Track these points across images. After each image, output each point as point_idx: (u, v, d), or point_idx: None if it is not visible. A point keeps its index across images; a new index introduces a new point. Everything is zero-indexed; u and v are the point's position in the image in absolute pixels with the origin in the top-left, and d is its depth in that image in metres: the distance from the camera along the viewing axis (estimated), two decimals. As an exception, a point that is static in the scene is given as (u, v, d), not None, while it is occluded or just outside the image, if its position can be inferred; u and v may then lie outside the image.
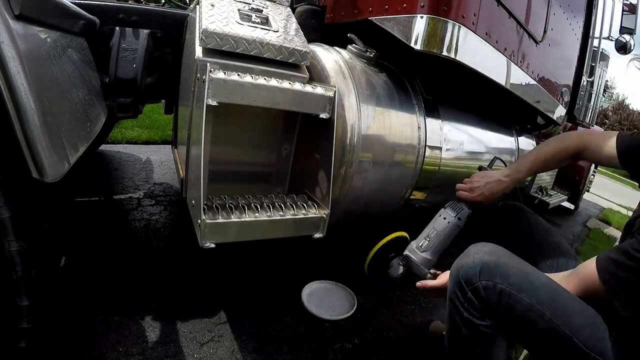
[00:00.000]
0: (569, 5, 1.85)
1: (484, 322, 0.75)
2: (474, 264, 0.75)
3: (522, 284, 0.72)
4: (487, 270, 0.74)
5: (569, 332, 0.71)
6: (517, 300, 0.72)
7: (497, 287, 0.72)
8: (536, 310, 0.71)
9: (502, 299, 0.72)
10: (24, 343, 0.74)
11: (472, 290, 0.74)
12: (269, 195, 1.16)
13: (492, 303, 0.73)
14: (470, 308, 0.75)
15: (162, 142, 3.15)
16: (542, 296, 0.72)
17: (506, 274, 0.73)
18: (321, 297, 1.38)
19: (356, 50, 1.37)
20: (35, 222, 0.75)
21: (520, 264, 0.77)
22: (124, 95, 1.36)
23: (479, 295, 0.73)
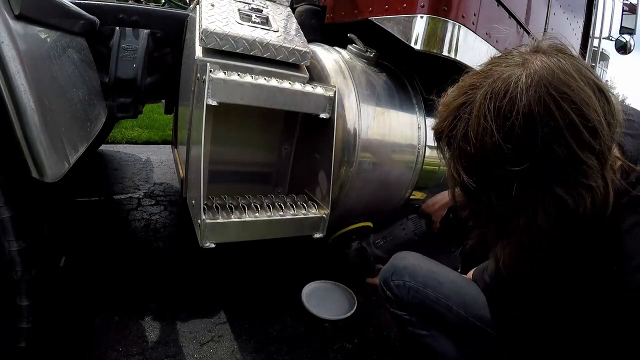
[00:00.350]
0: (569, 5, 1.85)
1: (405, 314, 0.86)
2: (388, 267, 0.89)
3: (427, 281, 0.83)
4: (398, 271, 0.86)
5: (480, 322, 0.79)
6: (425, 295, 0.82)
7: (407, 285, 0.84)
8: (443, 303, 0.81)
9: (411, 294, 0.83)
10: (24, 343, 0.74)
11: (388, 288, 0.86)
12: (269, 195, 1.16)
13: (405, 298, 0.84)
14: (393, 303, 0.86)
15: (162, 142, 3.16)
16: (446, 291, 0.82)
17: (414, 274, 0.85)
18: (321, 297, 1.38)
19: (356, 50, 1.37)
20: (35, 222, 0.75)
21: (430, 265, 0.88)
22: (124, 95, 1.36)
23: (394, 292, 0.85)
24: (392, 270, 0.87)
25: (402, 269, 0.86)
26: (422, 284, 0.83)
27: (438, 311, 0.81)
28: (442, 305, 0.81)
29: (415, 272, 0.85)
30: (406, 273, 0.85)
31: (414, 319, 0.85)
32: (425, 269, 0.86)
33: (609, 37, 2.35)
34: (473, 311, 0.79)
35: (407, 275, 0.84)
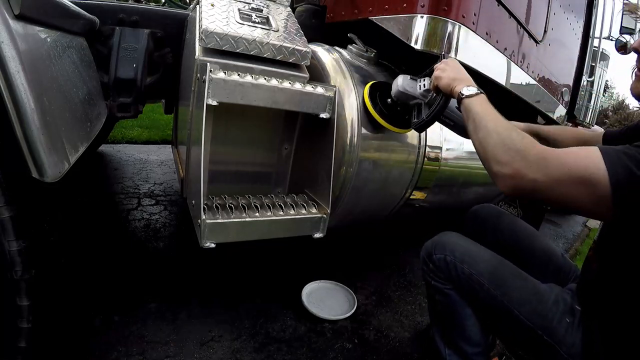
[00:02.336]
0: (570, 5, 1.85)
1: (447, 286, 0.90)
2: (432, 242, 0.95)
3: (464, 257, 0.88)
4: (440, 245, 0.92)
5: (508, 303, 0.80)
6: (460, 270, 0.87)
7: (447, 258, 0.89)
8: (475, 279, 0.85)
9: (450, 267, 0.88)
10: (24, 343, 0.74)
11: (431, 261, 0.92)
12: (269, 195, 1.16)
13: (445, 270, 0.89)
14: (434, 276, 0.91)
15: (162, 142, 3.16)
16: (480, 268, 0.85)
17: (453, 249, 0.90)
18: (321, 297, 1.38)
19: (356, 50, 1.37)
20: (35, 222, 0.75)
21: (469, 243, 0.92)
22: (124, 95, 1.36)
23: (436, 264, 0.91)
24: (435, 244, 0.93)
25: (444, 243, 0.92)
26: (459, 259, 0.88)
27: (471, 286, 0.86)
28: (475, 281, 0.85)
29: (454, 248, 0.90)
30: (447, 248, 0.90)
31: (453, 292, 0.89)
32: (464, 247, 0.91)
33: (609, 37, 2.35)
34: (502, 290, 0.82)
35: (448, 250, 0.90)
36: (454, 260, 0.88)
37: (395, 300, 1.51)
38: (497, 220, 1.10)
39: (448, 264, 0.89)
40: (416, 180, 1.38)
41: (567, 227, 3.41)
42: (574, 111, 2.21)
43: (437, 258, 0.91)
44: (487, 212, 1.13)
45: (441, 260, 0.90)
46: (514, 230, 1.07)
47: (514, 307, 0.80)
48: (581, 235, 3.33)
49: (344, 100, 1.16)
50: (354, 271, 1.63)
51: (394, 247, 1.99)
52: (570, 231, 3.33)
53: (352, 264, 1.71)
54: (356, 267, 1.69)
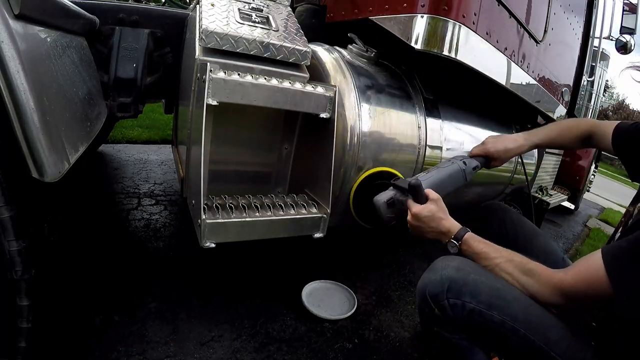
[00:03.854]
0: (570, 5, 1.85)
1: (455, 336, 0.75)
2: (441, 280, 0.73)
3: (492, 301, 0.71)
4: (455, 287, 0.72)
5: (545, 346, 0.70)
6: (489, 318, 0.71)
7: (467, 306, 0.71)
8: (509, 326, 0.70)
9: (472, 317, 0.71)
10: (24, 343, 0.74)
11: (439, 307, 0.73)
12: (269, 195, 1.16)
13: (461, 321, 0.72)
14: (440, 323, 0.74)
15: (162, 141, 3.15)
16: (514, 312, 0.71)
17: (475, 292, 0.71)
18: (321, 297, 1.38)
19: (356, 50, 1.37)
20: (35, 222, 0.75)
21: (491, 279, 0.76)
22: (124, 95, 1.36)
23: (446, 312, 0.72)
24: (448, 285, 0.72)
25: (462, 285, 0.72)
26: (486, 304, 0.71)
27: (502, 335, 0.71)
28: (508, 328, 0.70)
29: (477, 290, 0.72)
30: (466, 291, 0.71)
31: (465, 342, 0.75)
32: (489, 286, 0.73)
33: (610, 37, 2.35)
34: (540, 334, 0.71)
35: (468, 294, 0.71)
36: (479, 308, 0.71)
37: (395, 300, 1.51)
38: (503, 214, 1.11)
39: (470, 313, 0.71)
40: (416, 180, 1.37)
41: (567, 227, 3.41)
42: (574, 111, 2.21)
43: (451, 304, 0.71)
44: (496, 206, 1.15)
45: (457, 308, 0.71)
46: (518, 226, 1.08)
47: (551, 349, 0.70)
48: (581, 235, 3.33)
49: (344, 100, 1.16)
50: (354, 271, 1.63)
51: (394, 247, 1.99)
52: (570, 231, 3.33)
53: (352, 264, 1.71)
54: (356, 267, 1.69)
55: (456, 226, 0.85)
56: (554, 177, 2.97)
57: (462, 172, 1.04)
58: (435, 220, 0.85)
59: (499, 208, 1.15)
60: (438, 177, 0.99)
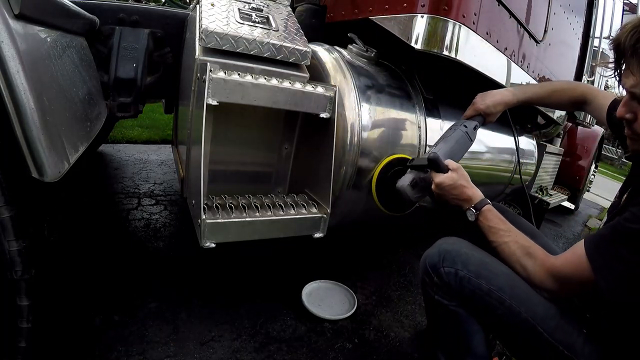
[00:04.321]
0: (570, 5, 1.85)
1: (452, 303, 0.81)
2: (438, 252, 0.84)
3: (480, 271, 0.79)
4: (449, 257, 0.81)
5: (532, 319, 0.75)
6: (477, 286, 0.78)
7: (459, 273, 0.79)
8: (495, 295, 0.77)
9: (463, 283, 0.79)
10: (24, 343, 0.74)
11: (437, 275, 0.81)
12: (269, 195, 1.16)
13: (455, 287, 0.80)
14: (439, 290, 0.82)
15: (162, 141, 3.16)
16: (500, 283, 0.78)
17: (466, 262, 0.80)
18: (321, 297, 1.38)
19: (356, 50, 1.36)
20: (35, 222, 0.75)
21: (481, 254, 0.83)
22: (124, 95, 1.36)
23: (443, 279, 0.81)
24: (443, 256, 0.82)
25: (455, 256, 0.81)
26: (475, 273, 0.79)
27: (489, 303, 0.78)
28: (495, 298, 0.77)
29: (468, 261, 0.80)
30: (459, 261, 0.80)
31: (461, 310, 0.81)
32: (478, 259, 0.81)
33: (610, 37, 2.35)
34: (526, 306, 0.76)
35: (460, 263, 0.80)
36: (468, 275, 0.79)
37: (395, 300, 1.51)
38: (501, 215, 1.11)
39: (461, 280, 0.79)
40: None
41: (567, 227, 3.41)
42: (574, 111, 2.21)
43: (445, 272, 0.80)
44: None
45: (451, 275, 0.80)
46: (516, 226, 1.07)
47: (538, 324, 0.75)
48: (581, 235, 3.33)
49: (344, 99, 1.16)
50: (354, 271, 1.63)
51: (394, 247, 1.99)
52: (570, 231, 3.33)
53: (352, 264, 1.71)
54: (356, 267, 1.69)
55: (478, 196, 0.91)
56: (554, 177, 2.97)
57: (466, 135, 1.07)
58: (458, 188, 0.92)
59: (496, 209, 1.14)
60: (449, 146, 1.02)
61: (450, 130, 1.09)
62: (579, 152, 3.37)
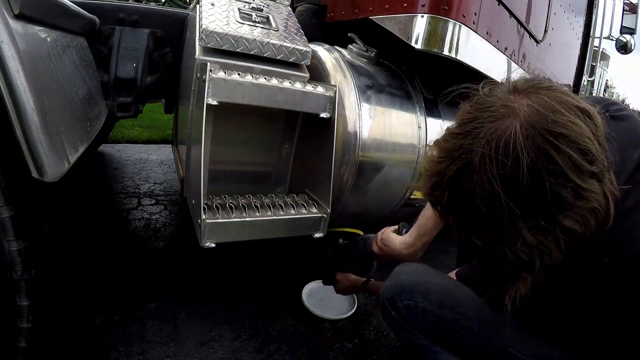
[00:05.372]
0: (570, 5, 1.85)
1: (417, 337, 0.75)
2: (395, 284, 0.78)
3: (443, 300, 0.73)
4: (407, 289, 0.75)
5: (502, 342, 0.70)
6: (441, 317, 0.72)
7: (419, 306, 0.73)
8: (462, 324, 0.71)
9: (426, 316, 0.73)
10: (24, 343, 0.74)
11: (395, 309, 0.76)
12: (269, 195, 1.16)
13: (416, 320, 0.74)
14: (400, 327, 0.76)
15: (162, 141, 3.15)
16: (465, 309, 0.72)
17: (426, 292, 0.74)
18: (321, 297, 1.38)
19: (357, 50, 1.36)
20: (35, 222, 0.75)
21: (443, 280, 0.78)
22: (124, 95, 1.36)
23: (402, 314, 0.75)
24: (400, 289, 0.76)
25: (412, 286, 0.76)
26: (437, 304, 0.73)
27: (455, 332, 0.72)
28: (461, 326, 0.72)
29: (427, 291, 0.74)
30: (417, 292, 0.74)
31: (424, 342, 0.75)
32: (440, 286, 0.76)
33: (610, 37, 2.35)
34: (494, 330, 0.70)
35: (419, 294, 0.74)
36: (430, 307, 0.73)
37: (396, 300, 1.51)
38: None
39: (423, 312, 0.73)
40: (416, 179, 1.37)
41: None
42: (574, 111, 2.21)
43: (404, 306, 0.74)
44: None
45: (411, 309, 0.74)
46: None
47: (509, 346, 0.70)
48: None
49: (344, 99, 1.16)
50: (354, 271, 1.62)
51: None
52: (571, 231, 3.33)
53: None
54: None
55: (358, 282, 1.10)
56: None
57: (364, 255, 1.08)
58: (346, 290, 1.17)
59: None
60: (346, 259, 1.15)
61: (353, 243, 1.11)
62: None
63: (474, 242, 0.52)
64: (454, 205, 0.52)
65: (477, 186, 0.47)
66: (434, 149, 0.55)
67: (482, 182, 0.47)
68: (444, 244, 1.89)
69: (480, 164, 0.47)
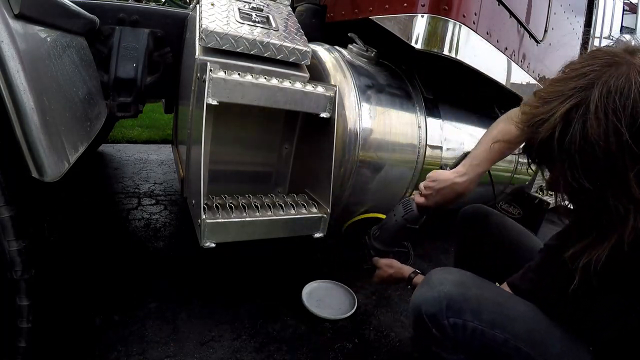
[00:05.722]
0: (570, 5, 1.85)
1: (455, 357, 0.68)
2: (439, 298, 0.67)
3: (495, 318, 0.66)
4: (455, 306, 0.66)
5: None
6: (492, 338, 0.65)
7: (469, 326, 0.65)
8: (512, 345, 0.65)
9: (474, 336, 0.65)
10: (24, 343, 0.74)
11: (438, 327, 0.66)
12: (269, 195, 1.16)
13: (463, 341, 0.66)
14: (442, 345, 0.68)
15: (162, 141, 3.15)
16: (517, 329, 0.66)
17: (477, 310, 0.66)
18: (321, 297, 1.38)
19: (357, 50, 1.36)
20: (35, 222, 0.75)
21: (493, 293, 0.71)
22: (124, 95, 1.36)
23: (446, 333, 0.66)
24: (446, 304, 0.66)
25: (461, 302, 0.66)
26: (489, 323, 0.65)
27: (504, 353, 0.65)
28: (511, 347, 0.65)
29: (479, 308, 0.66)
30: (467, 309, 0.66)
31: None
32: (491, 301, 0.68)
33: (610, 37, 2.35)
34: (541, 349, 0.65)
35: (469, 312, 0.65)
36: (481, 327, 0.65)
37: (396, 300, 1.51)
38: (485, 219, 1.05)
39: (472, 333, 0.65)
40: (416, 179, 1.38)
41: (567, 227, 3.41)
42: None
43: (451, 324, 0.65)
44: (476, 211, 1.09)
45: (458, 328, 0.65)
46: (502, 229, 1.02)
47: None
48: (581, 235, 3.33)
49: (344, 99, 1.16)
50: (354, 271, 1.63)
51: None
52: (571, 231, 3.33)
53: (352, 264, 1.71)
54: (356, 267, 1.68)
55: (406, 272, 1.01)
56: (554, 177, 2.96)
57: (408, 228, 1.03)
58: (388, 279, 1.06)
59: (479, 212, 1.08)
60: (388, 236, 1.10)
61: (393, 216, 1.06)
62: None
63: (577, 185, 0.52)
64: (567, 144, 0.52)
65: (592, 120, 0.49)
66: (533, 98, 0.56)
67: (598, 116, 0.48)
68: (444, 244, 1.90)
69: (597, 98, 0.49)
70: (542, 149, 0.56)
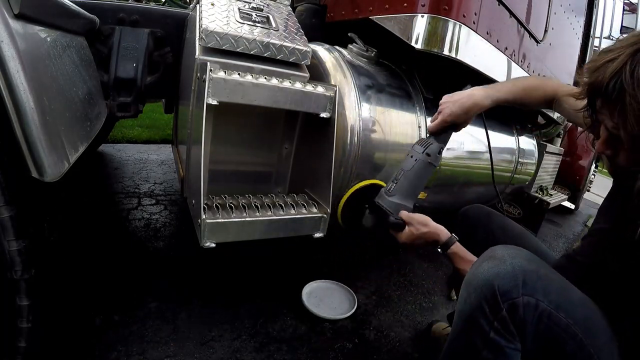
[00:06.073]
0: (570, 5, 1.85)
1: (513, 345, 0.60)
2: (514, 273, 0.59)
3: (561, 301, 0.60)
4: (531, 282, 0.59)
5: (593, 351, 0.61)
6: (556, 322, 0.59)
7: (539, 306, 0.58)
8: (571, 331, 0.60)
9: (541, 319, 0.59)
10: (24, 343, 0.74)
11: (510, 306, 0.58)
12: (269, 195, 1.16)
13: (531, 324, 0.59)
14: (501, 328, 0.59)
15: (162, 141, 3.15)
16: (578, 315, 0.61)
17: (548, 289, 0.60)
18: (321, 297, 1.38)
19: (357, 50, 1.36)
20: (35, 222, 0.75)
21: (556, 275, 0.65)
22: (124, 95, 1.36)
23: (517, 313, 0.58)
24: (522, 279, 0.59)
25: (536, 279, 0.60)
26: (555, 304, 0.59)
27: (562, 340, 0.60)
28: (570, 333, 0.60)
29: (548, 287, 0.60)
30: (540, 288, 0.59)
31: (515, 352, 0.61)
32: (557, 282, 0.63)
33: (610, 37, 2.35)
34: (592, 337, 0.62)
35: (541, 290, 0.59)
36: (549, 308, 0.59)
37: (396, 300, 1.51)
38: (487, 219, 1.06)
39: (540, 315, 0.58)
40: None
41: (567, 227, 3.41)
42: (574, 111, 2.20)
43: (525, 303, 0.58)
44: (477, 212, 1.09)
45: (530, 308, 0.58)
46: (504, 229, 1.03)
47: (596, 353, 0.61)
48: (581, 235, 3.33)
49: (344, 99, 1.16)
50: (354, 271, 1.63)
51: (394, 247, 1.99)
52: (571, 231, 3.33)
53: (352, 264, 1.71)
54: (356, 267, 1.69)
55: (444, 235, 0.88)
56: (554, 177, 2.97)
57: (429, 165, 0.95)
58: (419, 237, 0.89)
59: (481, 212, 1.08)
60: (408, 184, 0.94)
61: (410, 158, 0.95)
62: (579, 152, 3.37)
63: None
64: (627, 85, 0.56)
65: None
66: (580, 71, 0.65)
67: None
68: (444, 244, 1.89)
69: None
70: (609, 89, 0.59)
